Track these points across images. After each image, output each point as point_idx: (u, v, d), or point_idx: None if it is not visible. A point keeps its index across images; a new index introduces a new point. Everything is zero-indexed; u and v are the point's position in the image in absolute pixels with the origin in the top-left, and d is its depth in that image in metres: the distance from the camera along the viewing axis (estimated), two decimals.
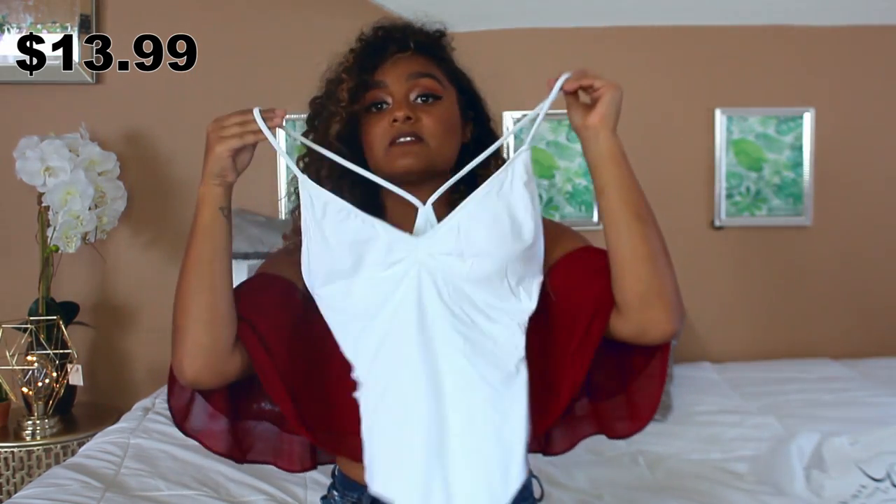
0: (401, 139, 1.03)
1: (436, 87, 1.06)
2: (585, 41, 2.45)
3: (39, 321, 2.06)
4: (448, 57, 1.13)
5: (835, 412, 1.99)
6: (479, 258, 0.94)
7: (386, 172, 1.04)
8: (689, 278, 2.45)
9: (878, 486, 1.46)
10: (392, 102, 1.05)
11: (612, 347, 1.03)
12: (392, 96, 1.05)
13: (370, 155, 1.07)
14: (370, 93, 1.06)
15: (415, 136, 1.03)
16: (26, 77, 2.29)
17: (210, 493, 1.54)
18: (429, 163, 1.04)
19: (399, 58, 1.07)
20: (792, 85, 2.50)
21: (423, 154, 1.04)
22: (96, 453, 1.68)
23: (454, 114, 1.09)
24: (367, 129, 1.06)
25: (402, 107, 1.03)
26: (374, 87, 1.05)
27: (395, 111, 1.03)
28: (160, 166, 2.36)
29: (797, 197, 2.50)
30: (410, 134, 1.03)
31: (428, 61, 1.08)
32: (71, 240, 2.01)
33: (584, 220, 2.47)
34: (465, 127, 1.12)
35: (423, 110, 1.04)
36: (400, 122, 1.03)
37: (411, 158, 1.03)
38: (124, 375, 2.40)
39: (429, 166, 1.05)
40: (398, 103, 1.04)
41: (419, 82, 1.05)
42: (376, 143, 1.05)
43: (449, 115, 1.07)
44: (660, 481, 1.66)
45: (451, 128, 1.08)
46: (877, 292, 2.55)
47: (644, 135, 2.47)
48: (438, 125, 1.05)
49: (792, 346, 2.53)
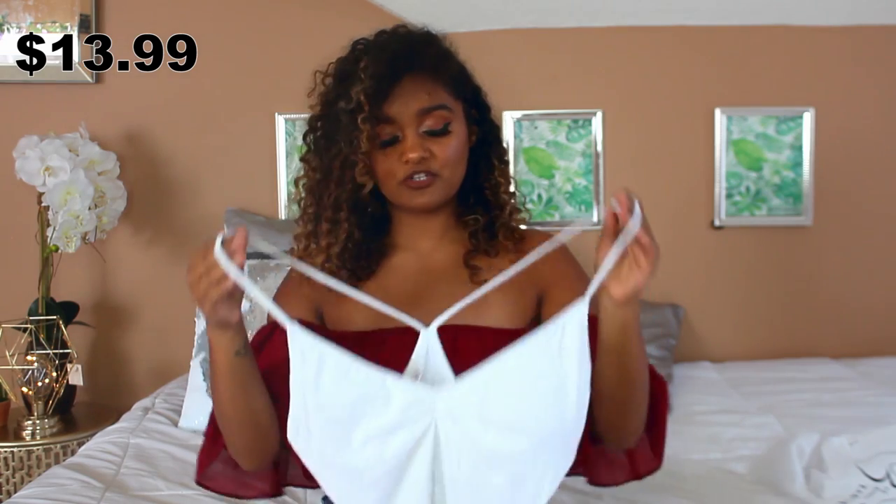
0: (415, 177, 1.04)
1: (446, 116, 1.06)
2: (585, 41, 2.45)
3: (39, 321, 2.06)
4: (453, 68, 1.10)
5: (835, 412, 1.99)
6: (506, 432, 0.81)
7: (400, 205, 1.07)
8: (689, 278, 2.49)
9: (877, 486, 1.46)
10: (402, 137, 1.04)
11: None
12: (402, 130, 1.04)
13: (382, 185, 1.07)
14: (380, 127, 1.04)
15: (428, 173, 1.04)
16: (26, 77, 2.29)
17: (210, 493, 1.53)
18: (443, 196, 1.07)
19: (407, 85, 1.04)
20: (792, 85, 2.49)
21: (439, 189, 1.06)
22: (96, 453, 1.68)
23: (463, 134, 1.08)
24: (377, 160, 1.06)
25: (415, 147, 1.03)
26: (383, 121, 1.04)
27: (408, 151, 1.03)
28: (160, 166, 2.36)
29: (797, 197, 2.50)
30: (425, 172, 1.04)
31: (436, 85, 1.06)
32: (71, 240, 2.01)
33: (584, 219, 2.47)
34: (470, 131, 1.12)
35: (434, 143, 1.05)
36: (412, 164, 1.03)
37: (427, 197, 1.06)
38: (124, 375, 2.40)
39: (443, 198, 1.08)
40: (409, 140, 1.04)
41: (430, 115, 1.05)
42: (389, 177, 1.06)
43: (459, 141, 1.07)
44: (660, 481, 1.65)
45: (462, 151, 1.08)
46: (877, 292, 2.54)
47: (644, 134, 2.48)
48: (451, 156, 1.05)
49: (792, 346, 2.53)
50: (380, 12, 2.20)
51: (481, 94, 1.14)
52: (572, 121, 2.46)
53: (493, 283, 0.93)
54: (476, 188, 1.13)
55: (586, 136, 2.46)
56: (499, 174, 1.13)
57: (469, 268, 1.10)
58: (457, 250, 1.12)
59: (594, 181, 2.46)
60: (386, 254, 1.13)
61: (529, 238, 1.13)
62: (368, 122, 1.02)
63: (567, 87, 2.45)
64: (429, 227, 1.12)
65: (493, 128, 1.15)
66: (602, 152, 2.46)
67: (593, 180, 2.46)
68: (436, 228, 1.13)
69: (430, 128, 1.04)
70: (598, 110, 2.45)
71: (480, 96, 1.14)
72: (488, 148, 1.14)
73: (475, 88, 1.13)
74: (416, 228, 1.12)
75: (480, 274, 1.09)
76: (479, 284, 1.06)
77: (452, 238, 1.13)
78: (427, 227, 1.12)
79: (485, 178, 1.13)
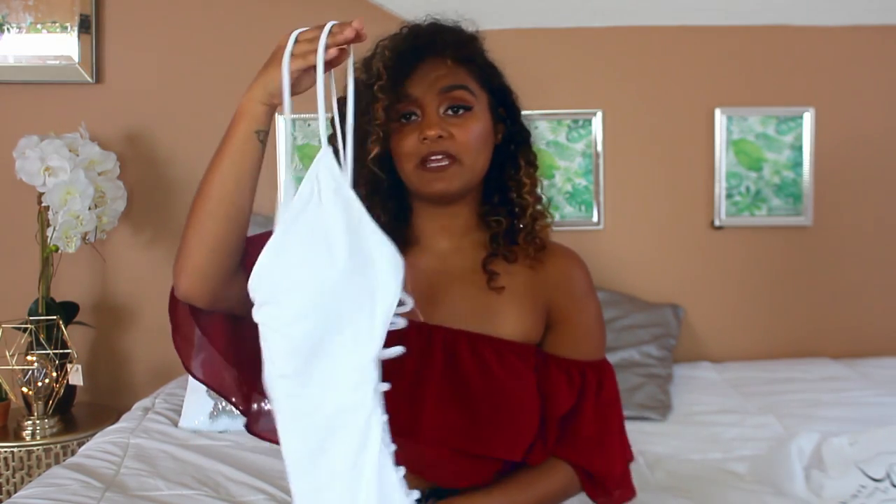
0: (433, 159, 1.01)
1: (468, 99, 1.03)
2: (585, 41, 2.45)
3: (39, 321, 2.06)
4: (480, 58, 1.09)
5: (835, 412, 1.99)
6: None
7: (418, 191, 1.04)
8: (689, 278, 2.49)
9: (877, 486, 1.46)
10: (422, 115, 1.02)
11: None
12: (422, 108, 1.02)
13: (400, 166, 1.05)
14: (400, 104, 1.03)
15: (447, 155, 1.01)
16: (26, 77, 2.29)
17: (210, 493, 1.54)
18: (462, 183, 1.03)
19: (430, 66, 1.03)
20: (792, 85, 2.49)
21: (458, 175, 1.02)
22: (96, 453, 1.68)
23: (486, 122, 1.06)
24: (396, 140, 1.04)
25: (434, 125, 1.00)
26: (403, 98, 1.02)
27: (425, 129, 1.00)
28: (160, 166, 2.36)
29: (797, 197, 2.50)
30: (442, 153, 1.01)
31: (459, 68, 1.04)
32: (71, 240, 2.01)
33: (584, 219, 2.47)
34: (496, 128, 1.09)
35: (454, 124, 1.02)
36: (431, 141, 1.00)
37: (444, 183, 1.02)
38: (124, 375, 2.40)
39: (463, 186, 1.04)
40: (429, 118, 1.01)
41: (451, 95, 1.02)
42: (406, 158, 1.03)
43: (481, 126, 1.04)
44: (660, 481, 1.66)
45: (484, 138, 1.05)
46: (877, 292, 2.54)
47: (644, 135, 2.48)
48: (471, 139, 1.02)
49: (792, 346, 2.53)
50: (380, 12, 2.20)
51: (511, 94, 1.12)
52: (572, 121, 2.46)
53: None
54: (501, 188, 1.11)
55: (586, 136, 2.46)
56: (524, 174, 1.10)
57: (486, 272, 1.08)
58: (477, 253, 1.10)
59: (594, 181, 2.46)
60: (408, 246, 1.10)
61: (550, 251, 1.11)
62: (385, 92, 1.00)
63: (567, 87, 2.45)
64: (450, 225, 1.10)
65: (522, 130, 1.12)
66: (602, 152, 2.46)
67: (593, 180, 2.46)
68: (457, 227, 1.10)
69: (452, 104, 1.02)
70: (598, 110, 2.45)
71: (510, 97, 1.11)
72: (516, 148, 1.11)
73: (504, 88, 1.11)
74: (437, 223, 1.10)
75: (497, 280, 1.07)
76: (495, 290, 1.07)
77: (473, 241, 1.11)
78: (448, 224, 1.10)
79: (510, 176, 1.11)
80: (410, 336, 1.01)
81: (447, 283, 1.09)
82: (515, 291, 1.08)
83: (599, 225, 2.47)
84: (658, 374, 2.17)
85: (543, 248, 1.10)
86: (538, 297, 1.09)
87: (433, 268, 1.09)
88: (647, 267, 2.49)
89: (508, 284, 1.08)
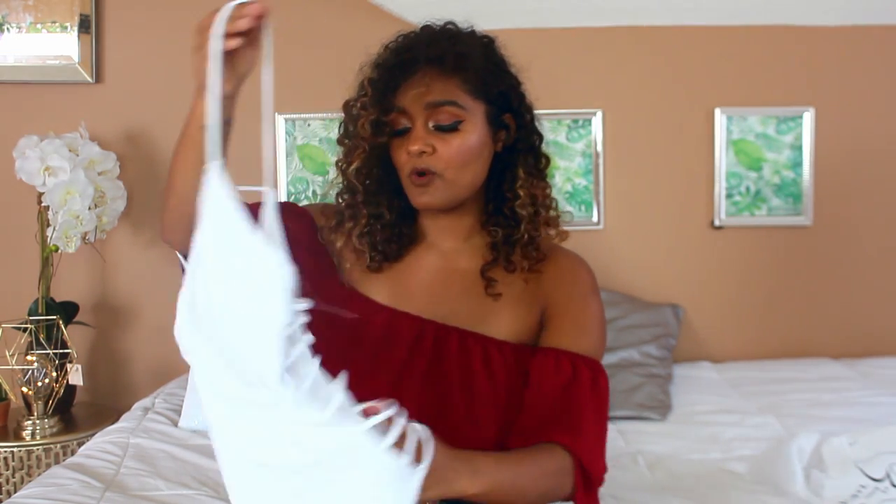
0: (416, 173, 1.03)
1: (456, 114, 1.03)
2: (585, 41, 2.45)
3: (39, 321, 2.06)
4: (477, 64, 1.06)
5: (835, 412, 1.99)
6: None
7: (410, 200, 1.06)
8: (689, 278, 2.49)
9: (877, 486, 1.46)
10: (412, 129, 1.03)
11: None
12: (411, 121, 1.03)
13: (400, 176, 1.07)
14: (391, 117, 1.04)
15: (429, 171, 1.02)
16: (26, 77, 2.29)
17: (210, 493, 1.53)
18: (446, 197, 1.04)
19: (419, 78, 1.03)
20: (792, 85, 2.49)
21: (440, 190, 1.03)
22: (96, 453, 1.68)
23: (479, 134, 1.05)
24: (392, 152, 1.06)
25: (417, 140, 1.01)
26: (392, 110, 1.03)
27: (409, 144, 1.02)
28: (160, 166, 2.36)
29: (797, 197, 2.50)
30: (424, 169, 1.02)
31: (450, 80, 1.03)
32: (71, 239, 2.01)
33: (584, 219, 2.47)
34: (496, 136, 1.08)
35: (440, 139, 1.02)
36: (414, 157, 1.02)
37: (428, 197, 1.04)
38: (124, 375, 2.40)
39: (447, 200, 1.05)
40: (415, 133, 1.02)
41: (438, 110, 1.02)
42: (400, 169, 1.06)
43: (472, 139, 1.03)
44: (659, 481, 1.66)
45: (472, 153, 1.04)
46: (877, 292, 2.54)
47: (644, 134, 2.48)
48: (454, 155, 1.02)
49: (792, 346, 2.53)
50: (380, 12, 2.20)
51: (518, 98, 1.10)
52: (572, 121, 2.46)
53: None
54: (499, 197, 1.11)
55: (586, 136, 2.46)
56: (521, 186, 1.08)
57: (485, 279, 1.09)
58: (479, 257, 1.11)
59: (594, 181, 2.46)
60: (416, 242, 1.12)
61: (553, 257, 1.11)
62: (368, 108, 1.02)
63: (567, 87, 2.45)
64: (453, 227, 1.11)
65: (529, 135, 1.11)
66: (602, 152, 2.46)
67: (593, 180, 2.46)
68: (461, 229, 1.12)
69: (439, 122, 1.02)
70: (598, 110, 2.45)
71: (517, 101, 1.10)
72: (517, 156, 1.10)
73: (509, 92, 1.09)
74: (441, 224, 1.11)
75: (495, 287, 1.08)
76: (493, 297, 1.08)
77: (477, 244, 1.12)
78: (451, 225, 1.11)
79: (507, 188, 1.10)
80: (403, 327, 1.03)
81: (448, 281, 1.10)
82: (512, 297, 1.09)
83: (599, 225, 2.47)
84: (658, 373, 2.17)
85: (543, 259, 1.10)
86: (535, 302, 1.09)
87: (437, 265, 1.11)
88: (646, 267, 2.49)
89: (506, 292, 1.09)
